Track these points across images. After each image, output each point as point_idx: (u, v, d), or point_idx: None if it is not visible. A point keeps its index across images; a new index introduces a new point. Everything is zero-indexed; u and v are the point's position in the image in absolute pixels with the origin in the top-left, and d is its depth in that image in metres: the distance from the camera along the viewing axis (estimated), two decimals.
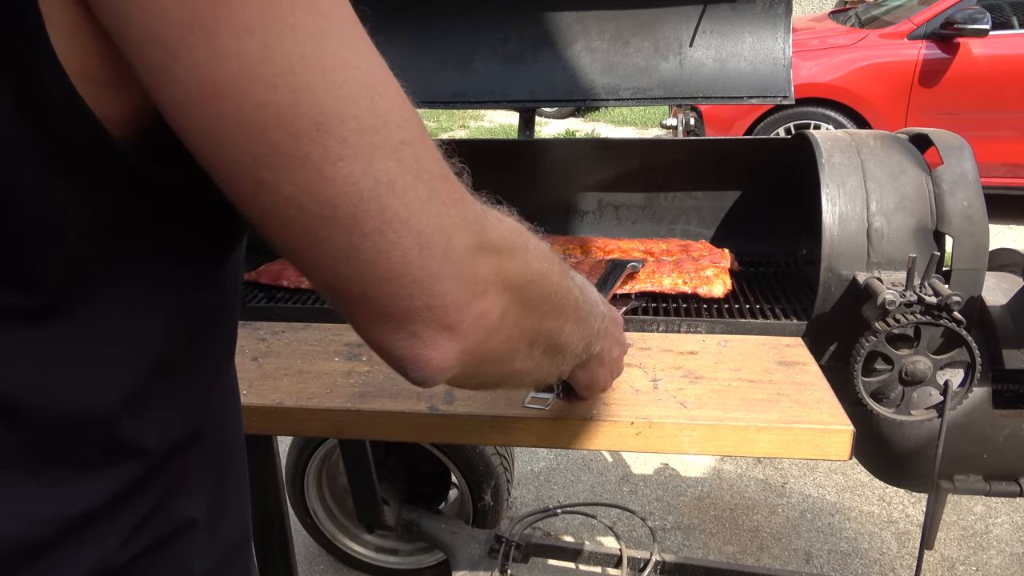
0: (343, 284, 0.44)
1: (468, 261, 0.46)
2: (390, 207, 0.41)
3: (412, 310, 0.45)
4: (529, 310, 0.54)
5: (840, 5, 9.39)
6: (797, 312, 1.34)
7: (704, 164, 1.65)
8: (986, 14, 4.63)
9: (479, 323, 0.48)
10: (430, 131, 2.45)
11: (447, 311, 0.45)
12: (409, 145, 0.42)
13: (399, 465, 1.97)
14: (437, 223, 0.44)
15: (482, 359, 0.50)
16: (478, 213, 0.48)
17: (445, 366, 0.48)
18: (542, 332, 0.58)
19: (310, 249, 0.42)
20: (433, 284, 0.44)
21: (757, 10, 1.58)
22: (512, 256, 0.51)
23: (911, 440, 1.30)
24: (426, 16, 1.69)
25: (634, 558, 1.78)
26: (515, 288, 0.51)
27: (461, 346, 0.47)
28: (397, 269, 0.43)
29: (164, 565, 0.54)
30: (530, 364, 0.58)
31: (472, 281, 0.47)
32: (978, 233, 1.18)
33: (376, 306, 0.44)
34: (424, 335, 0.46)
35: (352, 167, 0.40)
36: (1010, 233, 4.87)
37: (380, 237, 0.41)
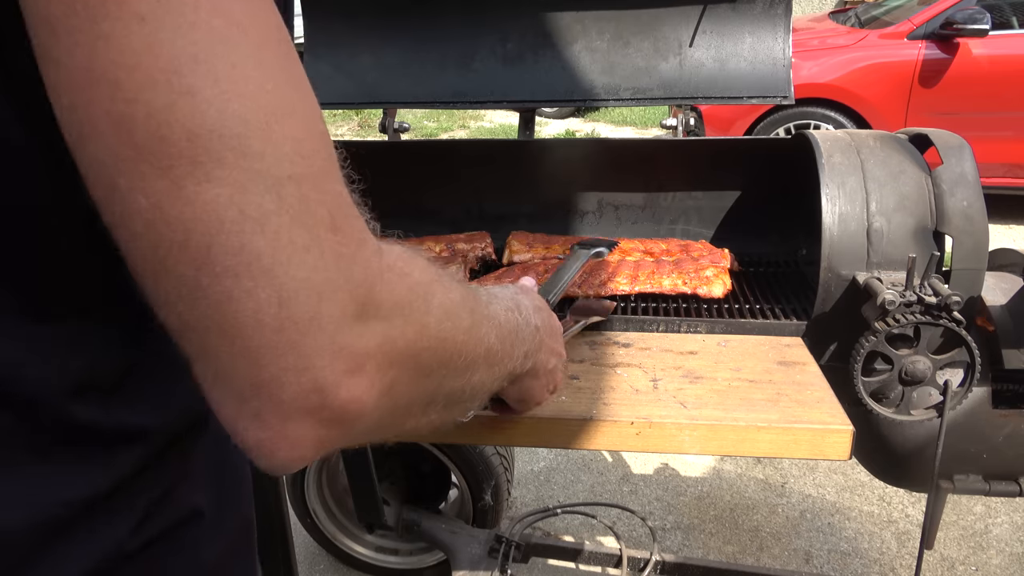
0: (184, 331, 0.37)
1: (343, 331, 0.38)
2: (253, 248, 0.35)
3: (259, 384, 0.37)
4: (423, 377, 0.46)
5: (840, 5, 9.39)
6: (797, 312, 1.34)
7: (704, 164, 1.65)
8: (986, 14, 4.63)
9: (348, 408, 0.39)
10: (430, 131, 2.44)
11: (303, 393, 0.37)
12: (297, 183, 0.36)
13: (399, 465, 1.97)
14: (309, 280, 0.36)
15: (351, 439, 0.42)
16: (371, 271, 0.41)
17: (296, 456, 0.39)
18: (440, 393, 0.49)
19: (155, 278, 0.36)
20: (290, 353, 0.36)
21: (757, 10, 1.58)
22: (406, 320, 0.43)
23: (911, 440, 1.30)
24: (426, 16, 1.69)
25: (634, 558, 1.78)
26: (405, 359, 0.43)
27: (319, 434, 0.39)
28: (247, 327, 0.35)
29: (175, 554, 0.53)
30: (425, 420, 0.50)
31: (345, 355, 0.38)
32: (978, 233, 1.18)
33: (216, 367, 0.37)
34: (270, 418, 0.38)
35: (219, 191, 0.34)
36: (1010, 233, 4.87)
37: (233, 282, 0.35)
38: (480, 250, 1.63)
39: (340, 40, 1.73)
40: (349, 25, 1.72)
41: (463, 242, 1.64)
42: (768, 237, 1.63)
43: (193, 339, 0.37)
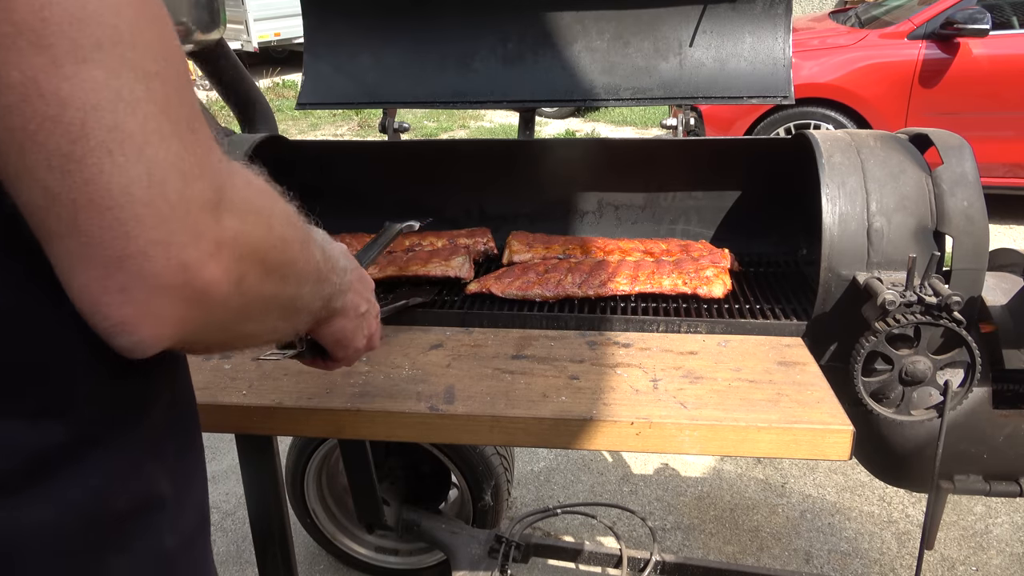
0: (52, 205, 0.38)
1: (204, 216, 0.41)
2: (126, 127, 0.38)
3: (126, 255, 0.39)
4: (267, 277, 0.50)
5: (840, 5, 9.39)
6: (797, 312, 1.34)
7: (704, 164, 1.65)
8: (986, 14, 4.63)
9: (209, 290, 0.43)
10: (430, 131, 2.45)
11: (169, 269, 0.40)
12: (163, 80, 0.40)
13: (399, 465, 1.97)
14: (175, 163, 0.40)
15: (205, 328, 0.45)
16: (222, 171, 0.44)
17: (158, 334, 0.42)
18: (279, 298, 0.53)
19: (23, 152, 0.37)
20: (158, 228, 0.39)
21: (757, 10, 1.58)
22: (255, 220, 0.47)
23: (911, 440, 1.30)
24: (426, 16, 1.69)
25: (634, 558, 1.78)
26: (254, 254, 0.47)
27: (180, 314, 0.42)
28: (118, 197, 0.38)
29: (143, 531, 0.54)
30: (262, 328, 0.54)
31: (206, 239, 0.42)
32: (978, 233, 1.18)
33: (85, 243, 0.39)
34: (135, 292, 0.40)
35: (96, 73, 0.37)
36: (1010, 233, 4.86)
37: (106, 156, 0.38)
38: (482, 244, 1.63)
39: (340, 40, 1.73)
40: (349, 25, 1.72)
41: (465, 237, 1.64)
42: (768, 237, 1.63)
43: (62, 214, 0.38)
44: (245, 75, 1.79)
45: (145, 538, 0.54)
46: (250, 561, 2.26)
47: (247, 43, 10.20)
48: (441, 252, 1.56)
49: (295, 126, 8.00)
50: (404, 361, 1.22)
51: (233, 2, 9.85)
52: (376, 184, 1.73)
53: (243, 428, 1.14)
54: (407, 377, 1.17)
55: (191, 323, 0.43)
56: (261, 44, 10.37)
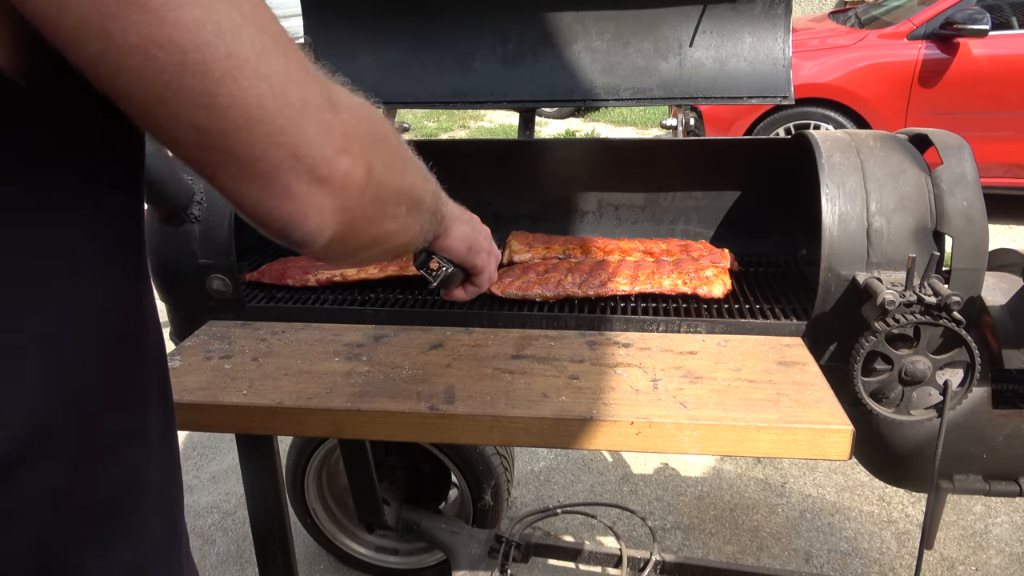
0: (206, 139, 0.43)
1: (326, 114, 0.47)
2: (238, 53, 0.42)
3: (279, 161, 0.45)
4: (389, 167, 0.55)
5: (840, 5, 9.39)
6: (797, 312, 1.34)
7: (704, 164, 1.65)
8: (986, 14, 4.62)
9: (348, 178, 0.48)
10: (430, 131, 2.45)
11: (315, 163, 0.46)
12: (250, 3, 0.44)
13: (399, 465, 1.97)
14: (287, 74, 0.45)
15: (356, 218, 0.51)
16: (323, 78, 0.49)
17: (323, 223, 0.48)
18: (403, 188, 0.59)
19: (167, 102, 0.42)
20: (296, 133, 0.45)
21: (757, 10, 1.58)
22: (361, 115, 0.53)
23: (911, 440, 1.31)
24: (426, 16, 1.69)
25: (634, 558, 1.78)
26: (373, 146, 0.52)
27: (334, 203, 0.48)
28: (255, 115, 0.43)
29: (123, 511, 0.55)
30: (397, 224, 0.59)
31: (334, 135, 0.47)
32: (978, 233, 1.18)
33: (243, 161, 0.44)
34: (296, 190, 0.46)
35: (195, 13, 0.41)
36: (1010, 233, 4.86)
37: (233, 83, 0.42)
38: None
39: (340, 40, 1.73)
40: (349, 25, 1.72)
41: None
42: (768, 237, 1.63)
43: (215, 144, 0.44)
44: None
45: (120, 519, 0.56)
46: (250, 561, 2.26)
47: None
48: None
49: None
50: (404, 361, 1.23)
51: None
52: None
53: (243, 428, 1.14)
54: (407, 377, 1.17)
55: (345, 213, 0.49)
56: None
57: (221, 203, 1.36)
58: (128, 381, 0.55)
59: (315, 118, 0.46)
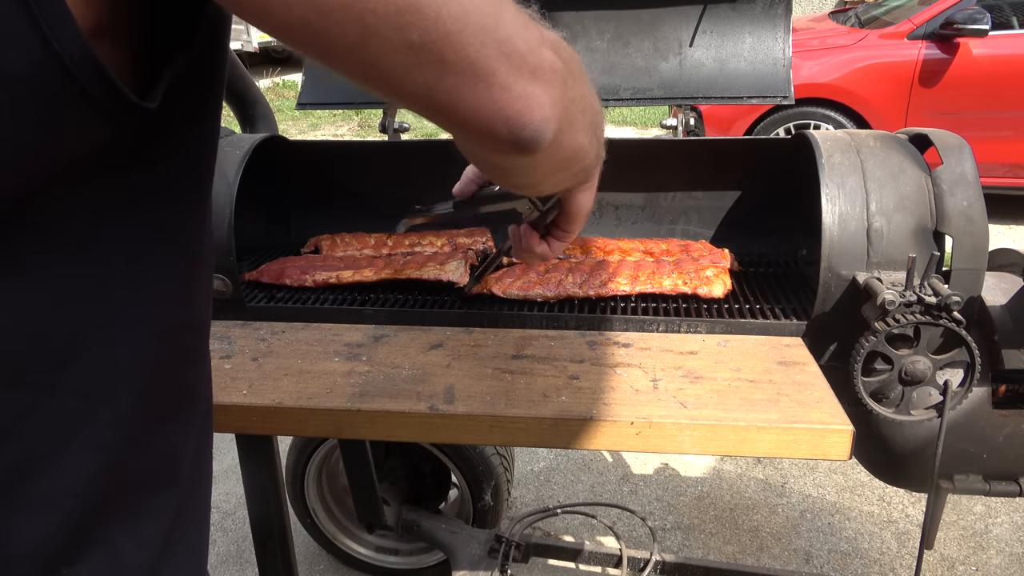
0: (422, 56, 0.46)
1: (520, 17, 0.50)
2: (467, 9, 0.45)
3: (493, 59, 0.47)
4: (574, 75, 0.57)
5: (840, 5, 9.39)
6: (797, 312, 1.34)
7: (704, 164, 1.65)
8: (986, 14, 4.63)
9: (554, 69, 0.51)
10: (430, 131, 2.45)
11: (525, 55, 0.49)
12: None
13: (399, 465, 1.97)
14: (513, 22, 0.48)
15: (566, 115, 0.53)
16: (532, 20, 0.52)
17: (545, 115, 0.51)
18: (586, 96, 0.61)
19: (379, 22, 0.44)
20: (500, 27, 0.47)
21: (757, 10, 1.58)
22: (547, 29, 0.55)
23: (911, 440, 1.30)
24: None
25: (634, 558, 1.78)
26: (561, 52, 0.54)
27: (549, 94, 0.51)
28: (461, 18, 0.45)
29: (158, 487, 0.57)
30: (585, 138, 0.62)
31: (532, 31, 0.50)
32: (978, 233, 1.18)
33: (460, 67, 0.47)
34: (515, 86, 0.49)
35: None
36: (1010, 233, 4.86)
37: (469, 36, 0.45)
38: (481, 244, 1.63)
39: None
40: None
41: (464, 236, 1.64)
42: (768, 237, 1.63)
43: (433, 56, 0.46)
44: (245, 75, 1.79)
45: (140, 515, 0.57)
46: (250, 561, 2.26)
47: (247, 43, 10.19)
48: (438, 256, 1.56)
49: (295, 126, 8.00)
50: (404, 361, 1.23)
51: None
52: (376, 184, 1.73)
53: (243, 428, 1.14)
54: (407, 377, 1.17)
55: (559, 103, 0.52)
56: (261, 44, 10.36)
57: (220, 203, 1.36)
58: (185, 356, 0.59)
59: (512, 17, 0.49)
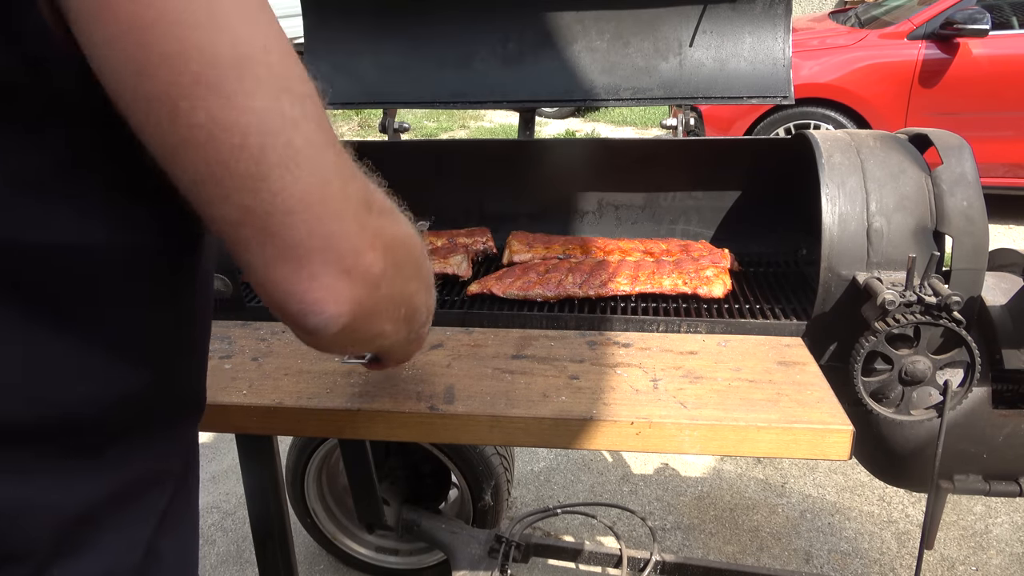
0: (248, 219, 0.46)
1: (363, 210, 0.50)
2: (295, 143, 0.45)
3: (312, 249, 0.47)
4: (400, 270, 0.57)
5: (840, 5, 9.39)
6: (797, 312, 1.34)
7: (704, 164, 1.65)
8: (986, 14, 4.62)
9: (369, 273, 0.51)
10: (430, 131, 2.45)
11: (344, 254, 0.49)
12: (311, 98, 0.47)
13: (399, 465, 1.97)
14: (336, 168, 0.48)
15: (367, 312, 0.53)
16: (363, 175, 0.53)
17: (340, 311, 0.50)
18: (406, 293, 0.61)
19: (218, 181, 0.44)
20: (333, 223, 0.47)
21: (757, 10, 1.58)
22: (390, 218, 0.56)
23: (911, 440, 1.30)
24: (426, 16, 1.69)
25: (634, 558, 1.78)
26: (393, 247, 0.54)
27: (353, 294, 0.50)
28: (300, 203, 0.46)
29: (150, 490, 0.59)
30: (393, 327, 0.61)
31: (365, 230, 0.50)
32: (978, 233, 1.18)
33: (279, 244, 0.47)
34: (322, 277, 0.49)
35: (263, 103, 0.44)
36: (1010, 233, 4.86)
37: (285, 170, 0.45)
38: (481, 244, 1.63)
39: (340, 40, 1.73)
40: (349, 25, 1.72)
41: (464, 236, 1.64)
42: (768, 237, 1.63)
43: (256, 224, 0.46)
44: None
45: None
46: (250, 561, 2.26)
47: None
48: (440, 251, 1.56)
49: None
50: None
51: None
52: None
53: (243, 428, 1.14)
54: (407, 377, 1.17)
55: (360, 305, 0.51)
56: None
57: None
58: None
59: (353, 213, 0.49)
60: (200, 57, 0.42)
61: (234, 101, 0.43)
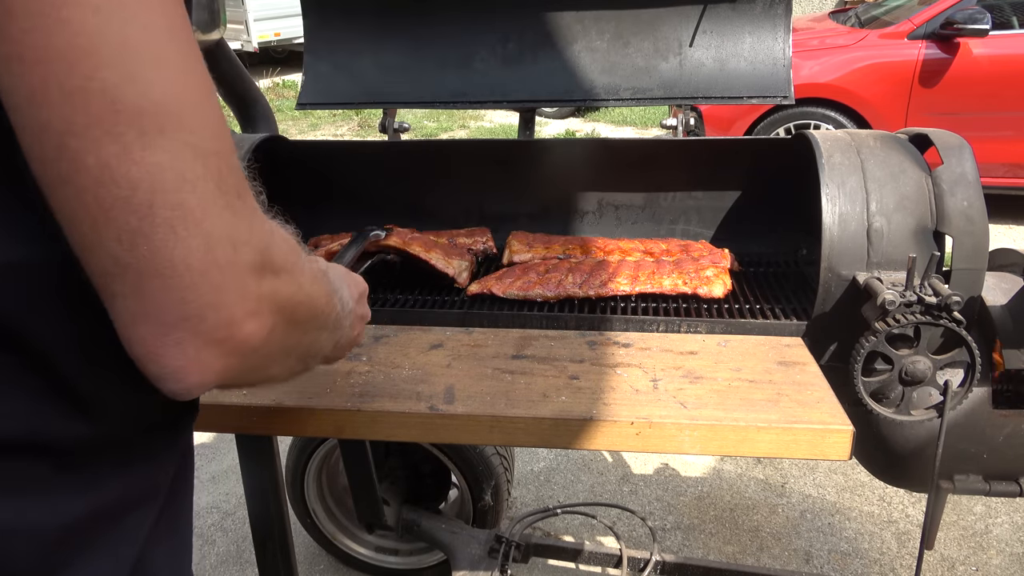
0: (120, 272, 0.43)
1: (249, 278, 0.47)
2: (187, 204, 0.42)
3: (183, 316, 0.44)
4: (293, 328, 0.54)
5: (840, 5, 9.39)
6: (797, 312, 1.34)
7: (704, 164, 1.65)
8: (986, 14, 4.62)
9: (246, 342, 0.48)
10: (430, 131, 2.46)
11: (218, 326, 0.45)
12: (218, 156, 0.44)
13: (399, 465, 1.97)
14: (228, 233, 0.45)
15: (240, 373, 0.50)
16: (266, 232, 0.49)
17: (203, 381, 0.47)
18: (300, 345, 0.58)
19: (96, 227, 0.42)
20: (211, 293, 0.44)
21: (757, 10, 1.58)
22: (290, 278, 0.52)
23: (911, 440, 1.30)
24: (426, 16, 1.69)
25: (634, 558, 1.78)
26: (286, 309, 0.52)
27: (223, 363, 0.47)
28: (179, 267, 0.43)
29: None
30: (282, 369, 0.59)
31: (249, 299, 0.47)
32: (978, 233, 1.18)
33: (148, 305, 0.44)
34: (188, 347, 0.45)
35: (162, 157, 0.41)
36: (1010, 233, 4.86)
37: (169, 231, 0.42)
38: (481, 244, 1.63)
39: (340, 40, 1.73)
40: (349, 25, 1.72)
41: (464, 236, 1.64)
42: (768, 237, 1.63)
43: (128, 279, 0.43)
44: (245, 75, 1.79)
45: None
46: (250, 561, 2.26)
47: (247, 43, 10.19)
48: (445, 246, 1.55)
49: (295, 126, 8.00)
50: (404, 361, 1.22)
51: (233, 2, 9.84)
52: (376, 184, 1.73)
53: (243, 428, 1.14)
54: (407, 377, 1.17)
55: (231, 370, 0.48)
56: (261, 44, 10.36)
57: None
58: None
59: (236, 282, 0.45)
60: (102, 99, 0.39)
61: (131, 152, 0.40)
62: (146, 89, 0.41)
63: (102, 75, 0.39)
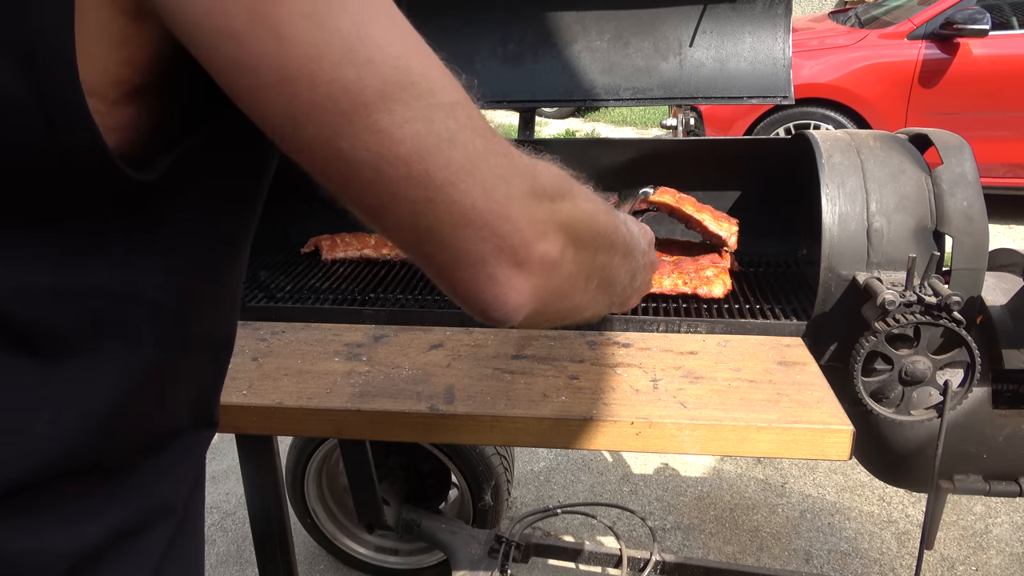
0: (425, 237, 0.48)
1: (527, 204, 0.51)
2: (455, 160, 0.46)
3: (486, 252, 0.49)
4: (583, 247, 0.58)
5: (840, 5, 9.39)
6: (797, 312, 1.34)
7: (704, 164, 1.65)
8: (986, 14, 4.63)
9: (544, 260, 0.52)
10: None
11: (516, 250, 0.50)
12: (461, 106, 0.48)
13: (399, 465, 1.97)
14: (496, 172, 0.48)
15: (550, 295, 0.55)
16: (528, 164, 0.53)
17: (521, 302, 0.52)
18: (595, 266, 0.62)
19: (392, 209, 0.46)
20: (501, 225, 0.49)
21: (757, 10, 1.58)
22: (562, 199, 0.56)
23: (911, 440, 1.30)
24: (426, 16, 1.69)
25: (634, 558, 1.78)
26: (569, 228, 0.55)
27: (532, 283, 0.52)
28: (469, 215, 0.47)
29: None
30: (587, 298, 0.63)
31: (533, 222, 0.51)
32: (978, 233, 1.18)
33: (455, 253, 0.49)
34: (500, 275, 0.50)
35: (416, 127, 0.44)
36: (1010, 233, 4.87)
37: (451, 188, 0.46)
38: None
39: None
40: None
41: None
42: (768, 237, 1.63)
43: (433, 240, 0.48)
44: None
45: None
46: (250, 561, 2.26)
47: None
48: (713, 209, 1.54)
49: None
50: (404, 361, 1.23)
51: None
52: None
53: (243, 428, 1.14)
54: (407, 377, 1.17)
55: (540, 290, 0.53)
56: None
57: None
58: None
59: (518, 210, 0.50)
60: (347, 97, 0.42)
61: (391, 134, 0.43)
62: (380, 71, 0.43)
63: (340, 75, 0.42)
